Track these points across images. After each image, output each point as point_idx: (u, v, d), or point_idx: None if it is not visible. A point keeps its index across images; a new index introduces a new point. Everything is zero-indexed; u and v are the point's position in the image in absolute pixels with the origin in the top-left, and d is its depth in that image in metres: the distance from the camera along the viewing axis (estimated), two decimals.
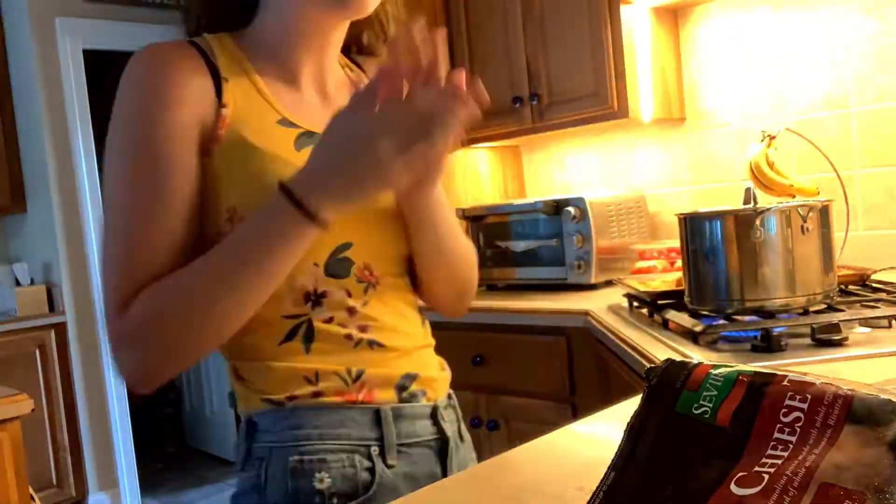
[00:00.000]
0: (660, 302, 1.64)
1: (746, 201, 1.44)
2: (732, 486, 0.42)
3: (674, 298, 1.63)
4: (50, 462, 3.48)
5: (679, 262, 2.19)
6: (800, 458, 0.41)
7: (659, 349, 1.37)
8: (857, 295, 1.50)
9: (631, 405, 0.55)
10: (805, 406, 0.44)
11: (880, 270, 1.69)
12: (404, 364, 0.89)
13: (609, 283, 2.38)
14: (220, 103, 0.81)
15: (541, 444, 0.84)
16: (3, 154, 3.70)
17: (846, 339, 1.25)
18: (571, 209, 2.30)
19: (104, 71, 5.29)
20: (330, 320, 0.84)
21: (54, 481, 3.50)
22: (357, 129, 0.72)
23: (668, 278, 1.87)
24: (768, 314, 1.36)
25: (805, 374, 0.47)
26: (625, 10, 2.30)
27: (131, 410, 3.81)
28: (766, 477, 0.41)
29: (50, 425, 3.48)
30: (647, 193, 2.62)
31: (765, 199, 1.45)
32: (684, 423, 0.48)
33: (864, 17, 2.12)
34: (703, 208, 1.51)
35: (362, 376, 0.85)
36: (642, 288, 1.76)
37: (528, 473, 0.77)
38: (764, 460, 0.43)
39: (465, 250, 0.97)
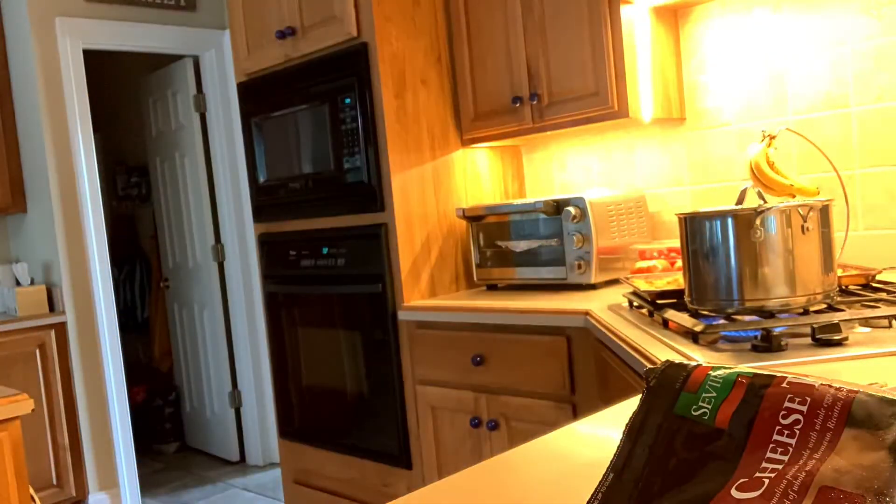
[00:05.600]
0: (660, 302, 1.64)
1: (739, 202, 1.44)
2: (733, 491, 0.42)
3: (674, 298, 1.63)
4: (50, 462, 3.49)
5: (679, 262, 2.19)
6: (800, 462, 0.41)
7: (659, 349, 1.37)
8: (857, 295, 1.50)
9: (631, 405, 0.55)
10: (804, 409, 0.44)
11: (883, 270, 1.68)
12: None
13: (609, 283, 2.38)
14: None
15: (541, 444, 0.84)
16: (3, 154, 3.70)
17: (846, 338, 1.25)
18: (571, 209, 2.30)
19: (104, 71, 5.30)
20: None
21: (54, 481, 3.50)
22: None
23: (673, 278, 1.87)
24: (768, 314, 1.36)
25: (805, 375, 0.47)
26: (625, 10, 2.30)
27: (131, 410, 3.81)
28: (767, 481, 0.41)
29: (50, 425, 3.48)
30: (647, 193, 2.62)
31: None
32: (683, 425, 0.48)
33: (864, 17, 2.12)
34: (703, 208, 1.51)
35: None
36: (648, 287, 1.76)
37: (528, 473, 0.76)
38: (764, 464, 0.43)
39: None
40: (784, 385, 0.46)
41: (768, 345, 1.26)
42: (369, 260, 2.65)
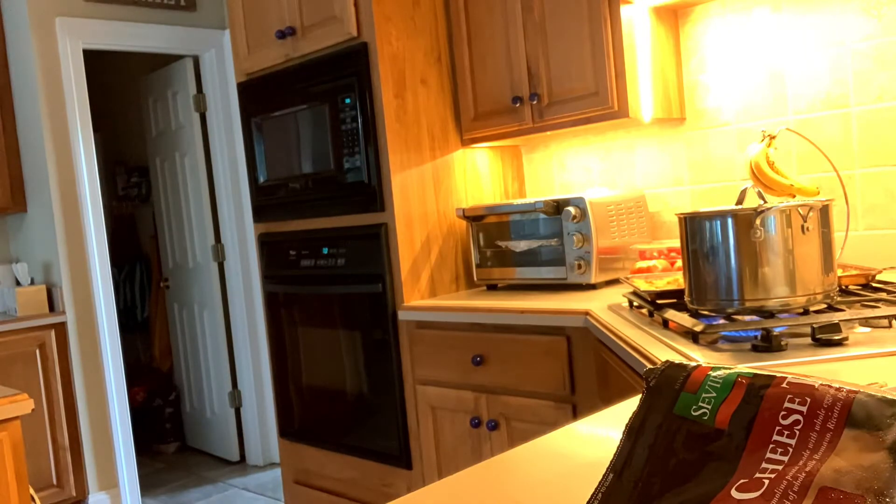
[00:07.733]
0: (660, 302, 1.63)
1: (739, 202, 1.44)
2: (733, 492, 0.42)
3: (674, 298, 1.63)
4: (50, 462, 3.49)
5: (679, 262, 2.19)
6: (800, 462, 0.41)
7: (659, 349, 1.37)
8: (857, 295, 1.50)
9: (631, 405, 0.55)
10: (804, 409, 0.44)
11: (883, 270, 1.68)
12: None
13: (609, 283, 2.38)
14: None
15: (541, 444, 0.84)
16: (3, 154, 3.70)
17: (846, 338, 1.25)
18: (571, 209, 2.30)
19: (104, 71, 5.30)
20: None
21: (54, 481, 3.50)
22: None
23: (673, 278, 1.87)
24: (768, 314, 1.36)
25: (805, 375, 0.47)
26: (625, 10, 2.30)
27: (131, 410, 3.81)
28: (767, 482, 0.41)
29: (50, 425, 3.48)
30: (647, 193, 2.62)
31: (759, 200, 1.45)
32: (683, 425, 0.48)
33: (864, 17, 2.12)
34: (703, 208, 1.51)
35: None
36: (648, 287, 1.75)
37: (528, 473, 0.76)
38: (764, 465, 0.42)
39: None
40: (784, 385, 0.46)
41: (768, 345, 1.26)
42: (369, 260, 2.65)
